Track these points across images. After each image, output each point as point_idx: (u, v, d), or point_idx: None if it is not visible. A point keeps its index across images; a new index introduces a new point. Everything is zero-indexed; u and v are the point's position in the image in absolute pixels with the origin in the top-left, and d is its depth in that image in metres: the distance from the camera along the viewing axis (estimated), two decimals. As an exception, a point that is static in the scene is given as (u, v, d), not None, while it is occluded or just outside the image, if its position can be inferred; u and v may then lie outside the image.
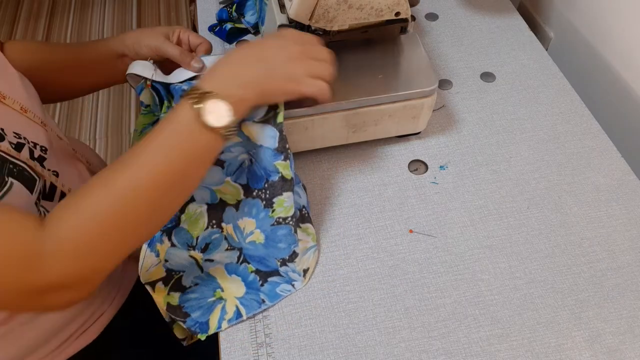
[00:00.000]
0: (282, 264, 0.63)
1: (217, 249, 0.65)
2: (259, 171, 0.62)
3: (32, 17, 2.26)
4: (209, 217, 0.64)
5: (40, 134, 0.61)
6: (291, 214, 0.62)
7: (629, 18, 0.79)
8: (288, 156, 0.61)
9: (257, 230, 0.64)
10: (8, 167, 0.53)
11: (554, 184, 0.73)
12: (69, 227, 0.48)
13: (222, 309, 0.62)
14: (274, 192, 0.62)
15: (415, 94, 0.70)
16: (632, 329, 0.60)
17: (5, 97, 0.58)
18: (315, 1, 0.63)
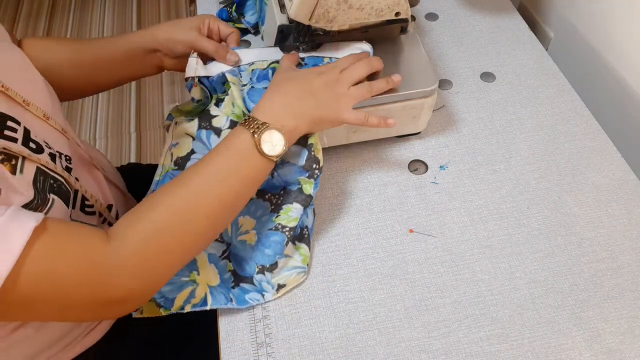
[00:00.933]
0: (259, 271, 0.63)
1: None
2: (278, 182, 0.64)
3: (32, 17, 2.26)
4: None
5: (63, 142, 0.61)
6: (292, 225, 0.63)
7: (629, 18, 0.79)
8: (314, 176, 0.63)
9: (253, 231, 0.64)
10: (49, 182, 0.53)
11: (554, 184, 0.73)
12: (133, 245, 0.50)
13: (191, 291, 0.62)
14: (285, 199, 0.64)
15: (415, 94, 0.70)
16: (632, 329, 0.60)
17: (29, 104, 0.57)
18: (315, 1, 0.63)
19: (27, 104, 0.57)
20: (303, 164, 0.63)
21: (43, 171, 0.53)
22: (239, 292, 0.63)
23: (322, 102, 0.61)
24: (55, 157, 0.57)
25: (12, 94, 0.55)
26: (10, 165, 0.49)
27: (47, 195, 0.52)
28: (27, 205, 0.49)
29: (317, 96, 0.61)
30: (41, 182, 0.52)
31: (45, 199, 0.52)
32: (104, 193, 0.70)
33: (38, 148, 0.54)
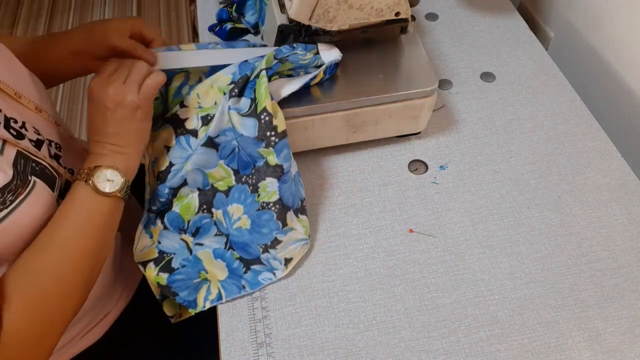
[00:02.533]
0: (264, 250, 0.65)
1: (207, 233, 0.67)
2: (245, 157, 0.65)
3: (32, 17, 2.26)
4: (199, 202, 0.66)
5: (54, 132, 0.62)
6: (274, 199, 0.64)
7: (629, 18, 0.79)
8: (271, 144, 0.63)
9: (244, 215, 0.66)
10: (31, 165, 0.54)
11: (554, 184, 0.73)
12: (20, 322, 0.49)
13: (207, 289, 0.64)
14: (258, 177, 0.65)
15: (415, 94, 0.70)
16: (632, 329, 0.60)
17: (21, 97, 0.58)
18: (315, 1, 0.63)
19: (18, 96, 0.58)
20: (256, 134, 0.63)
21: (24, 154, 0.54)
22: (251, 275, 0.65)
23: (127, 122, 0.59)
24: (42, 143, 0.58)
25: (3, 87, 0.56)
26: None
27: (27, 177, 0.53)
28: (7, 185, 0.50)
29: (121, 122, 0.59)
30: (22, 165, 0.53)
31: (26, 180, 0.52)
32: None
33: (18, 135, 0.55)
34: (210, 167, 0.65)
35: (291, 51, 0.67)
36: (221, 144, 0.64)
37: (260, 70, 0.64)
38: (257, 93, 0.64)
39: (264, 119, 0.63)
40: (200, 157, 0.64)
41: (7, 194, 0.50)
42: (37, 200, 0.53)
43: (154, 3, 2.32)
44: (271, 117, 0.63)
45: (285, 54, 0.66)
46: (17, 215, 0.51)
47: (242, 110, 0.64)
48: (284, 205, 0.65)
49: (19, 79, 0.61)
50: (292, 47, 0.68)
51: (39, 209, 0.54)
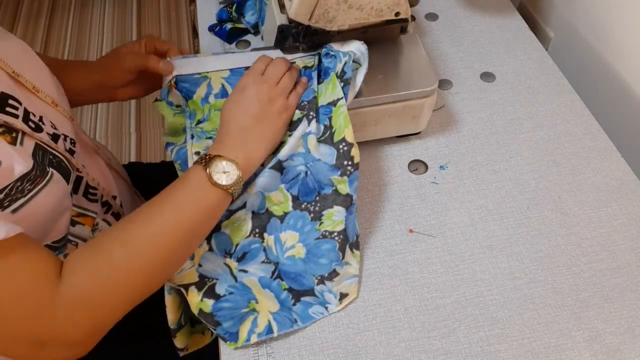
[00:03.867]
0: (319, 282, 0.62)
1: (253, 259, 0.63)
2: (312, 184, 0.63)
3: (32, 17, 2.26)
4: (252, 226, 0.63)
5: (69, 127, 0.63)
6: (339, 229, 0.62)
7: (629, 18, 0.79)
8: (347, 173, 0.62)
9: (299, 244, 0.63)
10: (49, 157, 0.55)
11: (554, 184, 0.73)
12: (83, 283, 0.49)
13: (253, 321, 0.60)
14: (324, 205, 0.63)
15: (415, 94, 0.70)
16: (632, 329, 0.60)
17: (39, 91, 0.59)
18: (315, 1, 0.63)
19: (36, 90, 0.59)
20: (334, 162, 0.63)
21: (42, 147, 0.54)
22: (301, 308, 0.61)
23: (267, 123, 0.61)
24: (59, 137, 0.59)
25: (22, 80, 0.57)
26: (10, 137, 0.51)
27: (46, 168, 0.53)
28: (26, 174, 0.50)
29: (262, 119, 0.61)
30: (40, 156, 0.53)
31: (45, 171, 0.53)
32: (108, 182, 0.71)
33: (37, 127, 0.55)
34: (270, 190, 0.63)
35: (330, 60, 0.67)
36: (286, 167, 0.63)
37: (337, 99, 0.64)
38: (333, 121, 0.63)
39: (342, 149, 0.62)
40: (266, 180, 0.62)
41: (26, 182, 0.50)
42: (53, 191, 0.54)
43: (154, 3, 2.32)
44: (350, 148, 0.62)
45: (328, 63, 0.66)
46: (33, 204, 0.51)
47: (317, 135, 0.63)
48: (346, 237, 0.63)
49: (37, 73, 0.63)
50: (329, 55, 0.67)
51: (54, 200, 0.54)
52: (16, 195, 0.49)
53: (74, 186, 0.62)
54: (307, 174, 0.64)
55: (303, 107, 0.65)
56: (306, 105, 0.65)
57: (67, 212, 0.59)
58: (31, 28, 2.22)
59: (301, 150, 0.63)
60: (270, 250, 0.63)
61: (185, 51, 0.74)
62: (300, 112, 0.65)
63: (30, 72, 0.60)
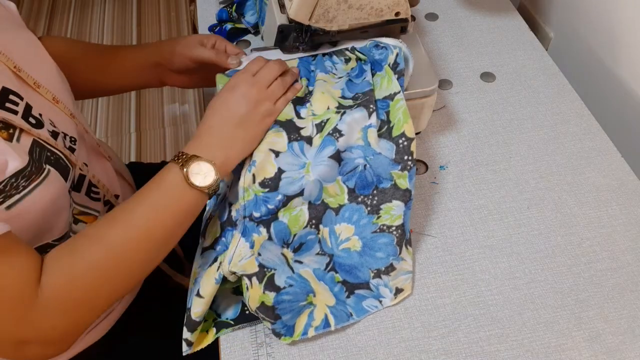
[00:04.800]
0: (375, 275, 0.62)
1: (309, 251, 0.62)
2: (370, 177, 0.63)
3: (32, 17, 2.26)
4: (309, 216, 0.62)
5: (70, 125, 0.63)
6: (397, 223, 0.62)
7: (629, 18, 0.79)
8: (407, 168, 0.62)
9: (355, 237, 0.62)
10: (46, 154, 0.55)
11: (554, 184, 0.73)
12: (62, 282, 0.50)
13: (309, 314, 0.59)
14: (383, 199, 0.62)
15: (415, 94, 0.70)
16: (632, 329, 0.60)
17: (39, 86, 0.59)
18: (315, 1, 0.63)
19: (37, 85, 0.59)
20: (394, 157, 0.62)
21: (39, 143, 0.54)
22: (354, 300, 0.61)
23: (250, 125, 0.60)
24: (58, 135, 0.59)
25: (23, 75, 0.57)
26: (7, 133, 0.51)
27: (42, 165, 0.53)
28: (21, 171, 0.50)
29: (246, 121, 0.60)
30: (37, 153, 0.53)
31: (41, 168, 0.53)
32: (111, 182, 0.72)
33: (38, 123, 0.55)
34: (328, 182, 0.62)
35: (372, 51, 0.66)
36: (344, 159, 0.62)
37: (394, 92, 0.63)
38: (391, 116, 0.63)
39: (402, 144, 0.62)
40: (325, 170, 0.61)
41: (20, 179, 0.50)
42: (49, 188, 0.54)
43: (154, 3, 2.32)
44: (410, 142, 0.62)
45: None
46: (29, 201, 0.51)
47: (376, 127, 0.62)
48: (404, 232, 0.62)
49: (41, 68, 0.62)
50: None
51: (50, 197, 0.54)
52: (10, 191, 0.50)
53: (77, 184, 0.62)
54: (365, 167, 0.63)
55: (356, 98, 0.63)
56: (360, 97, 0.63)
57: (66, 210, 0.59)
58: (31, 28, 2.20)
59: (360, 143, 0.62)
60: (324, 242, 0.62)
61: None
62: (354, 101, 0.63)
63: (33, 66, 0.60)
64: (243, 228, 0.59)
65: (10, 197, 0.50)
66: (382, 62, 0.65)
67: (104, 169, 0.71)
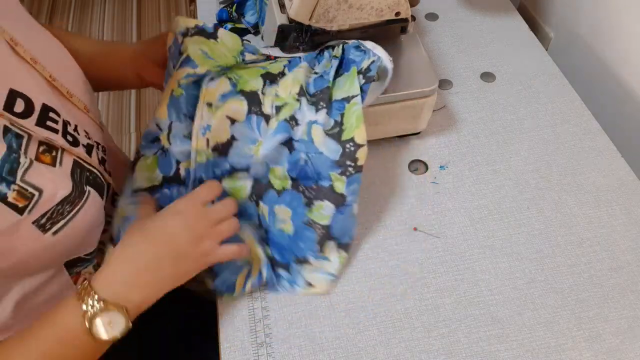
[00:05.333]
0: (297, 261, 0.64)
1: (249, 220, 0.64)
2: (311, 173, 0.63)
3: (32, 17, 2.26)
4: (251, 191, 0.64)
5: (99, 134, 0.61)
6: (323, 223, 0.63)
7: (629, 18, 0.79)
8: (346, 173, 0.61)
9: (290, 221, 0.64)
10: (86, 175, 0.53)
11: (554, 184, 0.73)
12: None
13: (249, 272, 0.62)
14: (317, 195, 0.63)
15: (415, 94, 0.70)
16: (632, 329, 0.60)
17: (72, 96, 0.56)
18: (316, 1, 0.63)
19: (70, 95, 0.56)
20: (337, 159, 0.62)
21: (79, 164, 0.53)
22: (274, 276, 0.64)
23: (184, 261, 0.52)
24: (92, 148, 0.57)
25: (58, 85, 0.55)
26: (51, 156, 0.49)
27: (84, 188, 0.52)
28: (66, 198, 0.49)
29: (181, 256, 0.52)
30: (78, 175, 0.52)
31: (83, 191, 0.51)
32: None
33: (74, 141, 0.54)
34: (276, 164, 0.63)
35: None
36: (296, 149, 0.63)
37: (352, 95, 0.62)
38: (345, 118, 0.62)
39: (349, 148, 0.62)
40: (273, 155, 0.62)
41: (65, 205, 0.49)
42: (90, 209, 0.52)
43: (154, 3, 2.32)
44: (357, 149, 0.61)
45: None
46: (73, 224, 0.50)
47: (325, 128, 0.62)
48: (329, 234, 0.63)
49: (70, 75, 0.60)
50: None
51: (90, 217, 0.52)
52: (57, 217, 0.48)
53: (112, 198, 0.61)
54: (306, 163, 0.63)
55: (314, 95, 0.64)
56: (318, 95, 0.63)
57: (101, 226, 0.57)
58: (31, 28, 2.22)
59: (304, 138, 0.62)
60: (263, 217, 0.65)
61: None
62: (308, 100, 0.63)
63: (64, 74, 0.57)
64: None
65: (57, 222, 0.48)
66: (354, 63, 0.65)
67: (123, 175, 0.69)
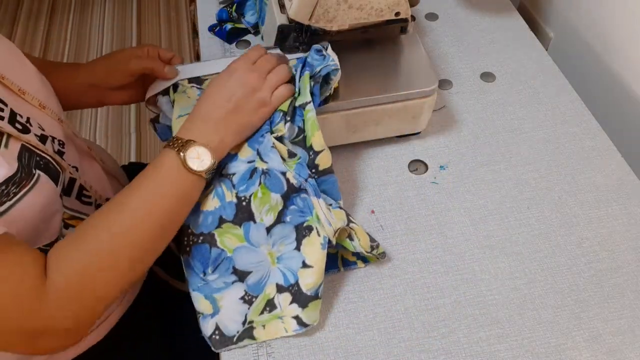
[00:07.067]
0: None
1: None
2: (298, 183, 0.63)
3: (32, 17, 2.26)
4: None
5: (58, 129, 0.63)
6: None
7: (629, 18, 0.79)
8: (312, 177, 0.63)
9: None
10: (35, 159, 0.54)
11: (554, 184, 0.73)
12: (69, 271, 0.50)
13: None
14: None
15: (415, 94, 0.70)
16: (632, 329, 0.60)
17: (25, 93, 0.59)
18: (316, 1, 0.63)
19: (22, 92, 0.59)
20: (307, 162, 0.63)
21: (28, 148, 0.54)
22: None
23: (245, 112, 0.61)
24: (47, 138, 0.58)
25: (7, 83, 0.57)
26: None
27: (32, 170, 0.53)
28: (10, 178, 0.50)
29: (241, 107, 0.61)
30: (26, 158, 0.53)
31: (30, 173, 0.53)
32: (103, 185, 0.71)
33: (24, 129, 0.55)
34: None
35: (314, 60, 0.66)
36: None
37: (306, 102, 0.63)
38: (305, 125, 0.64)
39: (311, 156, 0.64)
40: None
41: (10, 186, 0.50)
42: (40, 193, 0.53)
43: (154, 3, 2.32)
44: (316, 156, 0.64)
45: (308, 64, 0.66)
46: (20, 208, 0.51)
47: (290, 137, 0.64)
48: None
49: (25, 75, 0.62)
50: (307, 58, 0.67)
51: (41, 202, 0.54)
52: (2, 199, 0.49)
53: (67, 189, 0.62)
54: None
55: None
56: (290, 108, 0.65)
57: (58, 214, 0.59)
58: (31, 28, 2.22)
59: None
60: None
61: (182, 62, 0.74)
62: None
63: (16, 73, 0.59)
64: (313, 189, 0.62)
65: (1, 204, 0.49)
66: (309, 68, 0.65)
67: (95, 172, 0.71)
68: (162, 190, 0.56)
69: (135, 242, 0.54)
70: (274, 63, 0.64)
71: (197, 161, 0.57)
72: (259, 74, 0.62)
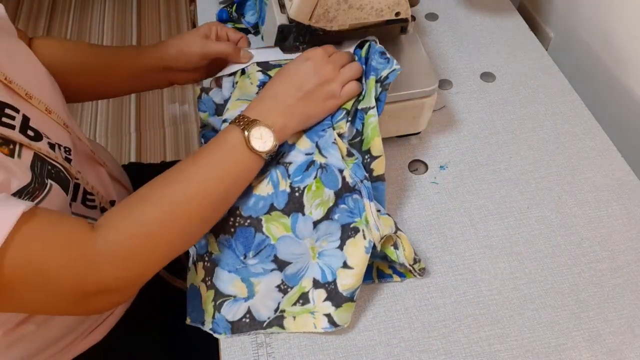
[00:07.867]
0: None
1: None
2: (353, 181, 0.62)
3: (32, 17, 2.26)
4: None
5: (64, 135, 0.62)
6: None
7: (629, 18, 0.79)
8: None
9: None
10: (47, 168, 0.54)
11: (554, 184, 0.73)
12: (121, 236, 0.51)
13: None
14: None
15: (415, 94, 0.70)
16: (632, 329, 0.60)
17: (31, 97, 0.59)
18: (316, 1, 0.63)
19: (29, 96, 0.58)
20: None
21: (40, 157, 0.54)
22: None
23: (313, 102, 0.62)
24: (54, 146, 0.58)
25: (14, 87, 0.56)
26: (7, 149, 0.51)
27: (44, 180, 0.53)
28: (24, 188, 0.50)
29: (310, 96, 0.61)
30: (39, 167, 0.53)
31: (43, 183, 0.52)
32: (107, 188, 0.71)
33: (36, 136, 0.55)
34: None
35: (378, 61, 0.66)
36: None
37: (369, 107, 0.63)
38: (364, 129, 0.64)
39: (366, 160, 0.64)
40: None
41: (24, 196, 0.50)
42: (51, 202, 0.53)
43: (154, 3, 2.32)
44: (372, 160, 0.64)
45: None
46: None
47: (348, 137, 0.64)
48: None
49: (32, 77, 0.61)
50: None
51: None
52: None
53: (73, 195, 0.61)
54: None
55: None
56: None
57: None
58: (31, 28, 2.22)
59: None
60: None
61: (249, 44, 0.76)
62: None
63: (23, 76, 0.59)
64: (367, 192, 0.61)
65: None
66: (374, 72, 0.65)
67: (99, 175, 0.71)
68: (225, 166, 0.57)
69: (191, 214, 0.55)
70: (348, 59, 0.65)
71: (259, 141, 0.57)
72: (334, 66, 0.63)
